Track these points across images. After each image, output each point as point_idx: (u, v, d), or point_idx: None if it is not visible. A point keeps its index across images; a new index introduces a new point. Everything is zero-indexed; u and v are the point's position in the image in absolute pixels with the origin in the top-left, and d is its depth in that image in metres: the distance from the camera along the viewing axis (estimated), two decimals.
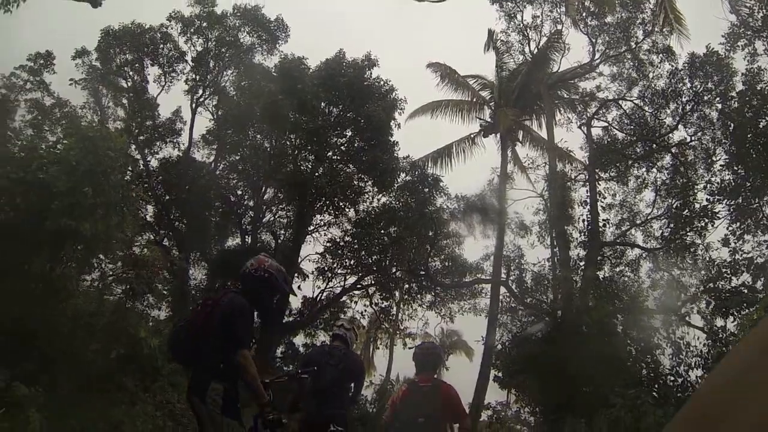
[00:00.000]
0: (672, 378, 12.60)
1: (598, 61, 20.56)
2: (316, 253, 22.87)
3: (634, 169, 20.17)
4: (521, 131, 22.95)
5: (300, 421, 6.59)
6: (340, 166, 22.28)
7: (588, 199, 18.86)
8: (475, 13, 50.17)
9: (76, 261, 10.51)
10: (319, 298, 22.43)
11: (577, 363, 12.68)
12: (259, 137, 21.73)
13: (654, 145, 19.70)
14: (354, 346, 7.66)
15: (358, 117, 21.54)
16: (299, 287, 22.21)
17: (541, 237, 21.17)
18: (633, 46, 19.74)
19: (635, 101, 19.97)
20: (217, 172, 22.37)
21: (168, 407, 11.19)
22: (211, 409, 4.41)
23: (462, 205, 22.94)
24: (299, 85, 20.23)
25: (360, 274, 22.98)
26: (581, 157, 20.99)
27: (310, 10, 41.45)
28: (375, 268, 22.59)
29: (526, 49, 21.92)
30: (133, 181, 11.44)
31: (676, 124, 19.19)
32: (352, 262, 22.85)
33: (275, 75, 21.25)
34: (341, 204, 22.31)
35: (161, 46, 21.79)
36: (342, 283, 23.02)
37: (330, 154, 22.19)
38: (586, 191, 19.32)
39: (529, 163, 22.39)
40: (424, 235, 21.62)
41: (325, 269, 22.72)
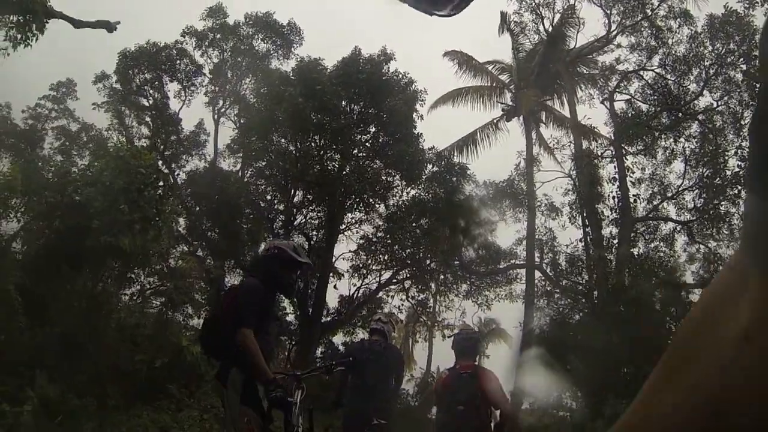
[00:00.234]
0: None
1: (614, 32, 20.19)
2: (350, 251, 23.06)
3: (662, 140, 19.67)
4: (544, 112, 22.75)
5: (344, 416, 6.77)
6: (367, 162, 22.35)
7: (617, 175, 18.64)
8: None
9: (115, 277, 10.89)
10: (355, 295, 22.61)
11: (616, 344, 12.59)
12: (283, 141, 21.95)
13: (680, 113, 19.21)
14: (392, 339, 7.79)
15: (380, 112, 21.56)
16: (335, 286, 22.50)
17: (572, 217, 20.97)
18: (649, 14, 19.30)
19: (656, 70, 19.57)
20: (245, 180, 22.67)
21: (213, 411, 11.54)
22: (231, 396, 4.42)
23: (491, 191, 22.89)
24: (318, 86, 20.35)
25: (395, 269, 23.06)
26: (606, 132, 20.71)
27: (319, 10, 41.66)
28: (409, 262, 22.65)
29: (541, 28, 21.68)
30: (165, 195, 11.75)
31: (701, 90, 18.74)
32: (386, 257, 22.94)
33: (293, 78, 21.42)
34: (371, 200, 22.39)
35: (178, 62, 22.23)
36: (377, 279, 23.13)
37: (355, 151, 22.28)
38: (614, 167, 19.10)
39: (554, 144, 22.15)
40: (455, 225, 21.61)
41: (360, 266, 22.89)
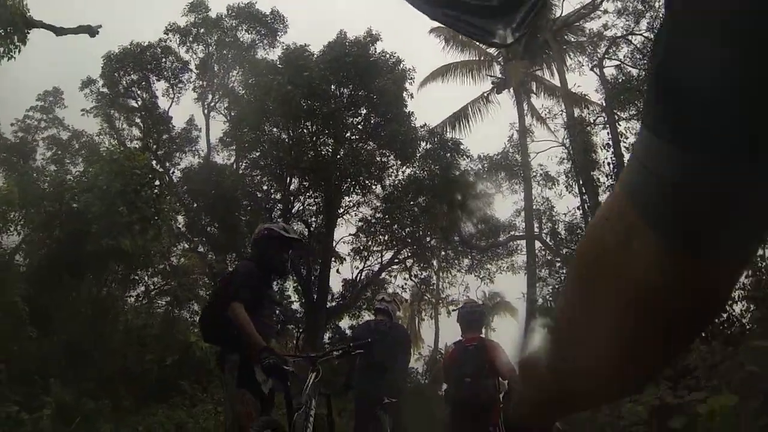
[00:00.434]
0: None
1: None
2: (350, 234, 23.13)
3: None
4: (534, 82, 22.67)
5: (355, 398, 6.88)
6: (360, 144, 22.31)
7: (610, 142, 18.61)
8: None
9: (119, 281, 11.00)
10: (358, 278, 22.74)
11: None
12: (275, 130, 21.88)
13: None
14: (397, 318, 7.87)
15: (369, 94, 21.45)
16: (338, 271, 22.60)
17: (568, 186, 20.99)
18: None
19: (645, 34, 19.42)
20: (240, 172, 22.63)
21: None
22: (228, 380, 4.43)
23: (486, 164, 22.93)
24: (306, 73, 20.25)
25: (395, 249, 23.12)
26: (598, 99, 20.64)
27: None
28: (409, 240, 22.71)
29: None
30: (162, 194, 11.80)
31: None
32: (386, 238, 23.00)
33: (280, 67, 21.26)
34: (367, 182, 22.37)
35: (163, 60, 22.06)
36: (379, 260, 23.24)
37: (348, 134, 22.23)
38: (608, 133, 19.04)
39: (546, 113, 22.11)
40: (453, 201, 21.66)
41: (361, 248, 22.97)
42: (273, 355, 4.15)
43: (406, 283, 24.09)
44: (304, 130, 21.84)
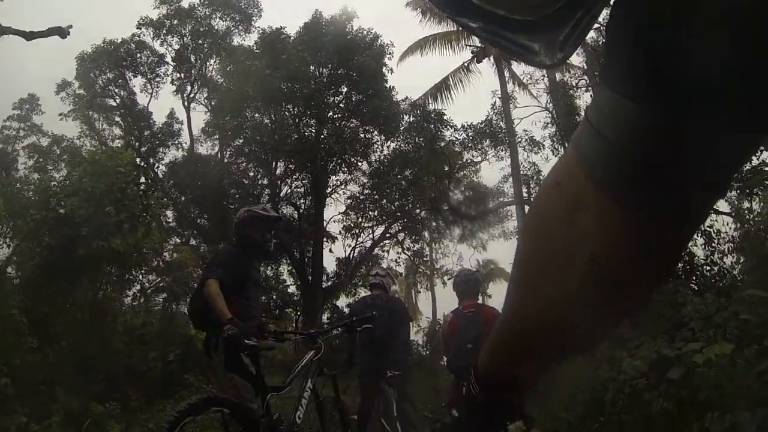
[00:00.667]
0: (708, 267, 12.65)
1: None
2: (339, 213, 23.25)
3: None
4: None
5: (358, 374, 6.96)
6: (343, 123, 22.25)
7: None
8: None
9: (114, 282, 10.97)
10: (351, 256, 22.85)
11: None
12: (257, 116, 21.70)
13: None
14: (394, 292, 7.89)
15: (349, 72, 21.36)
16: (330, 250, 22.69)
17: (554, 149, 20.97)
18: None
19: None
20: (225, 161, 22.54)
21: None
22: (216, 364, 4.38)
23: (470, 133, 22.87)
24: (284, 56, 20.09)
25: (386, 223, 23.25)
26: (579, 62, 20.56)
27: None
28: (399, 214, 22.81)
29: None
30: (148, 190, 11.74)
31: None
32: (376, 213, 23.12)
33: (258, 52, 21.10)
34: (352, 159, 22.41)
35: (138, 56, 21.75)
36: (371, 236, 23.41)
37: (330, 114, 22.14)
38: (590, 96, 19.06)
39: (528, 79, 22.02)
40: (439, 171, 21.67)
41: (351, 226, 23.08)
42: (235, 327, 3.94)
43: (399, 257, 24.26)
44: (286, 113, 21.71)
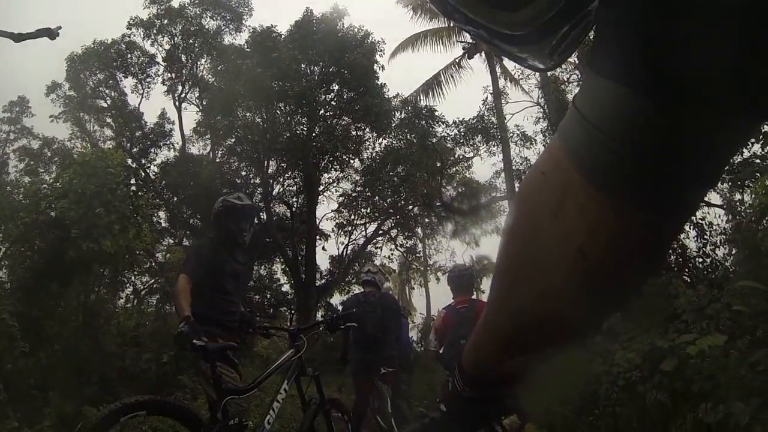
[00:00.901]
0: (700, 259, 12.70)
1: None
2: (332, 210, 23.27)
3: None
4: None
5: (352, 371, 6.96)
6: (335, 120, 22.22)
7: None
8: None
9: (107, 285, 10.92)
10: (344, 253, 22.87)
11: None
12: (248, 115, 21.61)
13: None
14: (386, 288, 7.86)
15: (340, 69, 21.31)
16: (323, 248, 22.71)
17: (546, 144, 20.93)
18: None
19: None
20: (217, 160, 22.47)
21: None
22: (196, 357, 4.19)
23: (462, 129, 22.86)
24: (275, 54, 20.04)
25: (379, 220, 23.28)
26: (570, 57, 20.63)
27: None
28: (392, 211, 22.83)
29: None
30: (139, 190, 11.69)
31: None
32: (369, 210, 23.16)
33: (249, 50, 21.03)
34: (344, 157, 22.37)
35: (129, 56, 21.61)
36: (364, 234, 23.44)
37: (322, 112, 22.09)
38: (581, 80, 19.08)
39: (519, 74, 22.02)
40: (431, 167, 21.68)
41: (344, 223, 23.11)
42: (187, 326, 3.82)
43: (392, 254, 24.31)
44: (278, 112, 21.66)
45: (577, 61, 19.73)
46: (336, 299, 22.59)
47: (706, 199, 15.39)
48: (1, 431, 6.38)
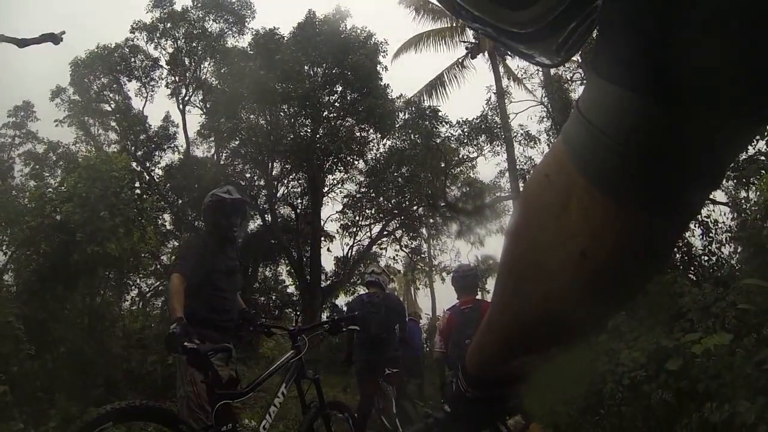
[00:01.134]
0: (706, 257, 12.63)
1: None
2: (336, 212, 23.28)
3: None
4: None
5: (357, 372, 6.97)
6: (339, 122, 22.25)
7: None
8: None
9: (112, 288, 10.93)
10: (349, 254, 22.87)
11: None
12: (252, 117, 21.67)
13: None
14: (393, 288, 7.88)
15: (344, 71, 21.35)
16: (328, 249, 22.70)
17: (550, 144, 20.98)
18: None
19: None
20: (221, 162, 22.51)
21: None
22: (178, 357, 4.11)
23: (466, 129, 22.85)
24: (278, 56, 20.08)
25: (383, 221, 23.27)
26: (578, 52, 20.55)
27: None
28: (396, 211, 22.83)
29: None
30: (143, 193, 11.71)
31: None
32: (373, 211, 23.17)
33: (252, 53, 21.12)
34: (348, 158, 22.39)
35: (132, 60, 21.73)
36: (368, 234, 23.43)
37: (326, 113, 22.11)
38: (585, 83, 19.00)
39: (522, 74, 21.99)
40: (436, 168, 21.67)
41: (349, 224, 23.12)
42: (179, 328, 3.61)
43: (397, 254, 24.25)
44: (281, 114, 21.70)
45: (579, 60, 19.72)
46: (341, 300, 22.66)
47: (712, 196, 15.39)
48: None
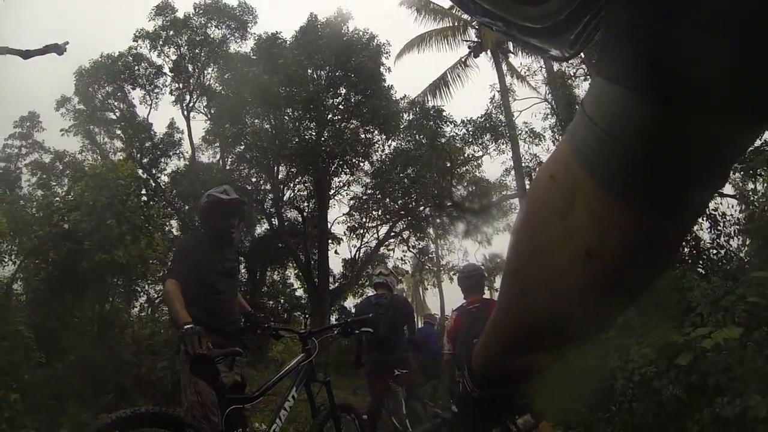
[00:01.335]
0: (714, 251, 12.54)
1: None
2: (343, 214, 23.30)
3: None
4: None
5: (366, 374, 6.98)
6: (343, 124, 22.27)
7: None
8: None
9: (121, 295, 10.98)
10: (357, 256, 22.88)
11: None
12: (257, 122, 21.73)
13: None
14: (398, 290, 7.87)
15: (347, 73, 21.38)
16: (336, 252, 22.73)
17: (555, 140, 20.90)
18: None
19: None
20: (227, 168, 22.61)
21: None
22: (181, 363, 4.05)
23: (470, 128, 22.82)
24: (281, 60, 20.12)
25: (390, 222, 23.28)
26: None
27: None
28: (403, 212, 22.83)
29: None
30: (150, 200, 11.76)
31: None
32: (380, 212, 23.19)
33: (255, 58, 21.18)
34: (354, 160, 22.43)
35: (136, 68, 21.85)
36: (376, 236, 23.45)
37: (330, 116, 22.15)
38: (589, 85, 18.95)
39: (525, 71, 21.97)
40: (441, 168, 21.66)
41: (356, 226, 23.15)
42: (189, 333, 3.54)
43: (405, 255, 24.28)
44: (286, 118, 21.73)
45: (583, 56, 19.65)
46: (349, 302, 22.67)
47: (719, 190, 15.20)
48: None
